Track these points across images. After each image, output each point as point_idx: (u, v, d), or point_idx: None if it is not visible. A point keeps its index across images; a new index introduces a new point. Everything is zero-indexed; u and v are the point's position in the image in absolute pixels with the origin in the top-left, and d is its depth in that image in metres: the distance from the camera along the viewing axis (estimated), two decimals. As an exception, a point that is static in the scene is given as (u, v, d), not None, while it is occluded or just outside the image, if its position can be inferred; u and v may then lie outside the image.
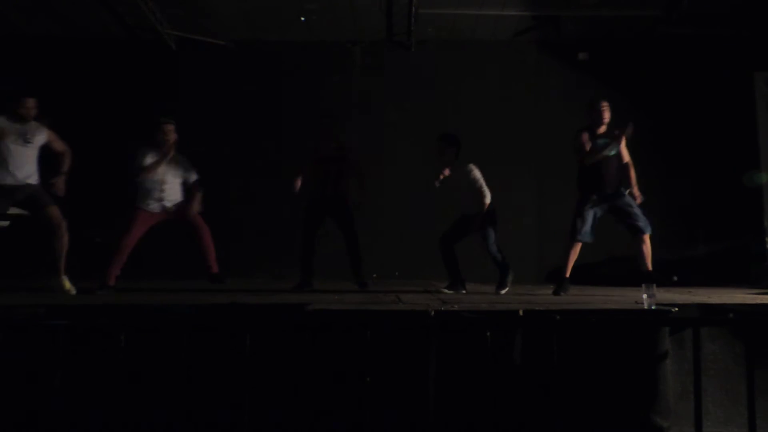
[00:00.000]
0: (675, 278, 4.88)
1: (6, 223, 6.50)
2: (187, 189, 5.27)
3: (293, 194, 5.33)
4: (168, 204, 5.14)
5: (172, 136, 5.16)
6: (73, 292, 4.57)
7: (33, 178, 4.76)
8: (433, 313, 3.37)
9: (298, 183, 5.36)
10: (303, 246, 5.42)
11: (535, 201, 7.72)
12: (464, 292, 5.05)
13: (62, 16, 7.46)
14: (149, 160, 5.07)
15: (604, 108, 4.95)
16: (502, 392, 3.12)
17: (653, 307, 3.51)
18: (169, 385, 3.05)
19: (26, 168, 4.69)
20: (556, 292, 4.84)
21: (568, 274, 4.94)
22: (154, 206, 5.11)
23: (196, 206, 5.18)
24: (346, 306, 3.81)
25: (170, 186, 5.14)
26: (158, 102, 7.67)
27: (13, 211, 6.78)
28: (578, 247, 4.97)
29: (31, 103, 4.78)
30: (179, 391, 2.99)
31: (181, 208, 5.18)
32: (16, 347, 3.11)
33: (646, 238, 4.91)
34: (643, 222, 4.90)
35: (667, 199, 7.38)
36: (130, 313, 3.63)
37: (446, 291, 5.04)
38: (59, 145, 4.91)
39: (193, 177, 5.31)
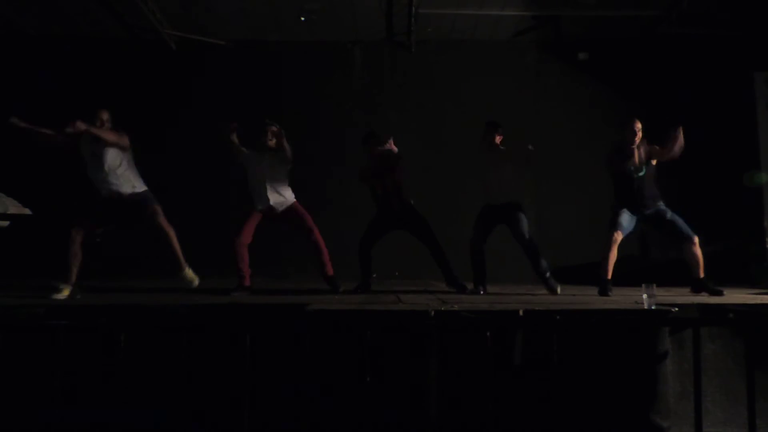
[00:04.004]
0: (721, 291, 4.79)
1: (6, 224, 6.51)
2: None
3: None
4: (272, 203, 5.05)
5: (276, 138, 5.10)
6: (196, 282, 4.55)
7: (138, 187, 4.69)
8: (433, 313, 3.37)
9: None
10: (362, 250, 5.34)
11: (534, 201, 7.72)
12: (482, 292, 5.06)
13: (62, 16, 7.45)
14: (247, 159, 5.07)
15: (638, 128, 4.88)
16: (502, 392, 3.13)
17: (653, 307, 3.51)
18: (169, 385, 3.05)
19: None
20: (602, 293, 4.83)
21: (609, 276, 4.90)
22: (259, 206, 5.07)
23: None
24: (346, 306, 3.81)
25: (272, 185, 5.06)
26: (158, 102, 7.68)
27: (14, 211, 6.80)
28: (617, 242, 4.90)
29: (105, 115, 4.71)
30: (179, 391, 2.99)
31: (286, 208, 5.10)
32: (16, 347, 3.11)
33: (696, 241, 4.86)
34: (686, 228, 4.87)
35: (666, 199, 7.36)
36: (130, 313, 3.63)
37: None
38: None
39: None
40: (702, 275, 4.85)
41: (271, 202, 5.02)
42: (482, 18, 7.46)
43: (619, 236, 4.89)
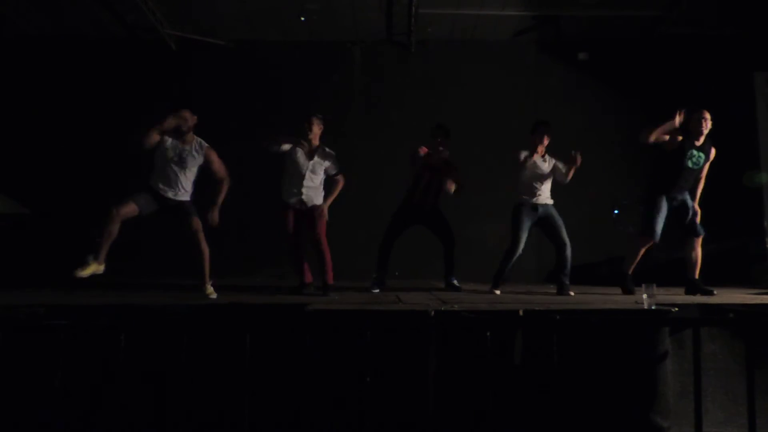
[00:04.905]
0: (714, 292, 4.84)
1: (6, 223, 6.51)
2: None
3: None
4: (304, 198, 5.01)
5: (317, 130, 5.03)
6: (214, 296, 4.48)
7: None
8: (433, 313, 3.37)
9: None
10: (384, 246, 5.38)
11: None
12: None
13: (62, 16, 7.45)
14: (285, 146, 5.02)
15: (706, 119, 5.00)
16: (502, 392, 3.12)
17: (653, 307, 3.51)
18: (169, 385, 3.05)
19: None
20: (626, 292, 4.90)
21: (631, 271, 4.96)
22: (293, 200, 5.04)
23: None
24: (346, 306, 3.81)
25: (309, 180, 5.01)
26: (158, 102, 7.66)
27: (14, 211, 6.80)
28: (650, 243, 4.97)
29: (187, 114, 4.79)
30: (179, 391, 2.99)
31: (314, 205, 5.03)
32: (16, 347, 3.11)
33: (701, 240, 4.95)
34: (699, 226, 4.98)
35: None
36: (130, 313, 3.63)
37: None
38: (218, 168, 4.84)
39: (333, 171, 5.11)
40: (697, 276, 4.86)
41: (303, 197, 4.99)
42: (482, 18, 7.46)
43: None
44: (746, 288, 5.45)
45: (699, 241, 4.92)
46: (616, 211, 4.89)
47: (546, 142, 5.32)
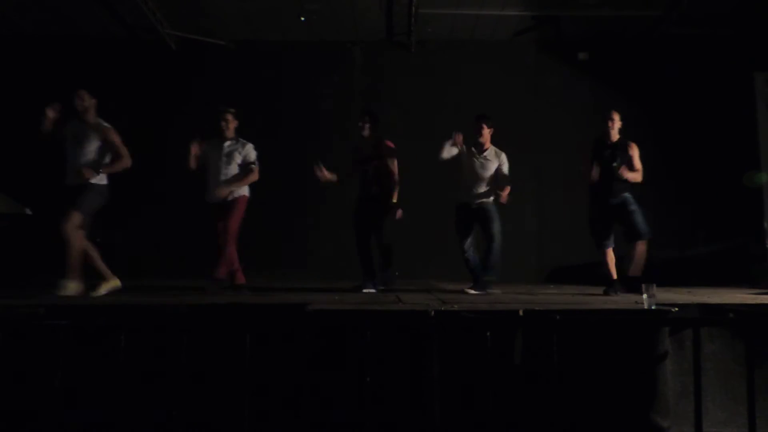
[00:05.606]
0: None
1: (6, 223, 6.51)
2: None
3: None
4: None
5: (232, 124, 5.13)
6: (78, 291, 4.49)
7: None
8: (433, 313, 3.37)
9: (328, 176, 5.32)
10: (359, 246, 5.35)
11: (535, 201, 7.72)
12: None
13: (62, 16, 7.45)
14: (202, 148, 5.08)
15: (612, 118, 5.06)
16: (502, 392, 3.12)
17: (653, 307, 3.51)
18: (169, 385, 3.05)
19: None
20: (606, 293, 4.91)
21: (615, 276, 4.98)
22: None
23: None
24: (346, 306, 3.81)
25: (225, 172, 5.06)
26: (158, 102, 7.68)
27: (14, 211, 6.80)
28: (610, 251, 5.03)
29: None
30: (179, 391, 2.99)
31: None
32: (16, 347, 3.11)
33: (644, 243, 4.93)
34: (643, 228, 4.92)
35: (667, 199, 7.37)
36: (130, 313, 3.63)
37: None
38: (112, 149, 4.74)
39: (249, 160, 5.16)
40: (639, 275, 4.88)
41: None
42: (482, 18, 7.46)
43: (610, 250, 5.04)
44: (746, 288, 5.44)
45: (646, 241, 4.94)
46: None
47: (481, 136, 5.25)
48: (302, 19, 7.46)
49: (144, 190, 6.92)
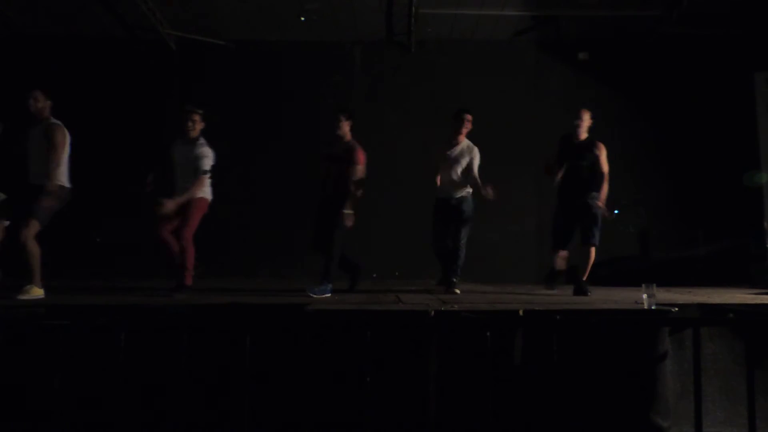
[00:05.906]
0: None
1: (7, 223, 6.50)
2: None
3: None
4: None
5: (198, 125, 5.09)
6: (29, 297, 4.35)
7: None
8: (433, 313, 3.37)
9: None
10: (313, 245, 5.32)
11: (535, 201, 7.71)
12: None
13: (62, 16, 7.45)
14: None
15: (581, 117, 5.17)
16: (502, 392, 3.12)
17: (653, 307, 3.51)
18: (169, 385, 3.05)
19: None
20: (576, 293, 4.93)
21: (585, 277, 4.99)
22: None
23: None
24: (346, 306, 3.81)
25: (181, 173, 5.06)
26: (158, 102, 7.68)
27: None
28: (562, 254, 5.11)
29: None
30: (179, 391, 2.99)
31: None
32: (16, 347, 3.11)
33: (593, 250, 4.96)
34: (595, 235, 4.93)
35: (667, 199, 7.38)
36: (130, 313, 3.63)
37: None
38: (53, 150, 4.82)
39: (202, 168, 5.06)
40: (585, 278, 4.94)
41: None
42: (482, 18, 7.46)
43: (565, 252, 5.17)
44: (746, 288, 5.44)
45: (595, 246, 4.98)
46: (616, 211, 4.88)
47: (457, 132, 5.29)
48: (302, 19, 7.46)
49: (144, 190, 6.92)
